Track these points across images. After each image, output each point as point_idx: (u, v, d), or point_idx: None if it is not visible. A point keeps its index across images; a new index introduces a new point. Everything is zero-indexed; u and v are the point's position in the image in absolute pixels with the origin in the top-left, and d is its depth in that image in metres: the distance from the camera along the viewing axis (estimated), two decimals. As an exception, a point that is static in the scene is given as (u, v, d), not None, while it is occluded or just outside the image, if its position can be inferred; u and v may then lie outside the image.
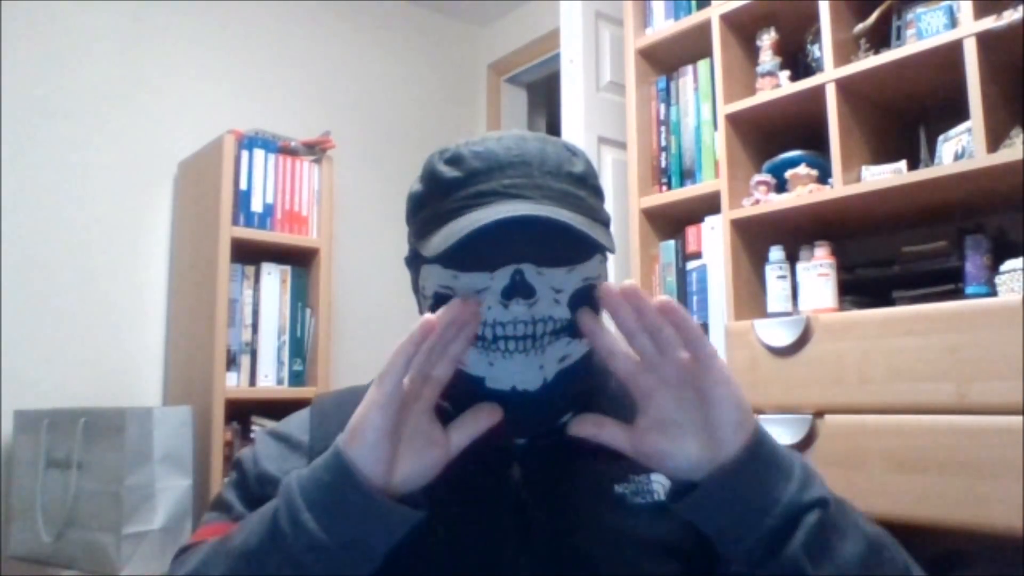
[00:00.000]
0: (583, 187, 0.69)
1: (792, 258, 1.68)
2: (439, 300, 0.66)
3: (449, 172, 0.67)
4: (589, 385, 0.72)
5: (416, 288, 0.73)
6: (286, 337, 2.32)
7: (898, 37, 1.62)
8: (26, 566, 1.90)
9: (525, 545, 0.67)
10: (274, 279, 2.32)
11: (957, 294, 1.47)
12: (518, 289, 0.64)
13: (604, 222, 0.70)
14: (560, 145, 0.70)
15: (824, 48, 1.64)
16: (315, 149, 2.45)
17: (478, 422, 0.64)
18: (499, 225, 0.61)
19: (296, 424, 0.77)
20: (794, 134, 1.81)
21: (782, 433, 1.44)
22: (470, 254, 0.64)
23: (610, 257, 0.74)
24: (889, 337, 1.35)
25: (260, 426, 2.24)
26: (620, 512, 0.70)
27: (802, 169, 1.68)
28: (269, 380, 2.27)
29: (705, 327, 1.86)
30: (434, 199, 0.68)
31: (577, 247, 0.66)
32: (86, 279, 2.29)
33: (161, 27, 2.50)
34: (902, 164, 1.55)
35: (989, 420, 1.22)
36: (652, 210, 2.00)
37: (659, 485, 0.71)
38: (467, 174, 0.66)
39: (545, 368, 0.66)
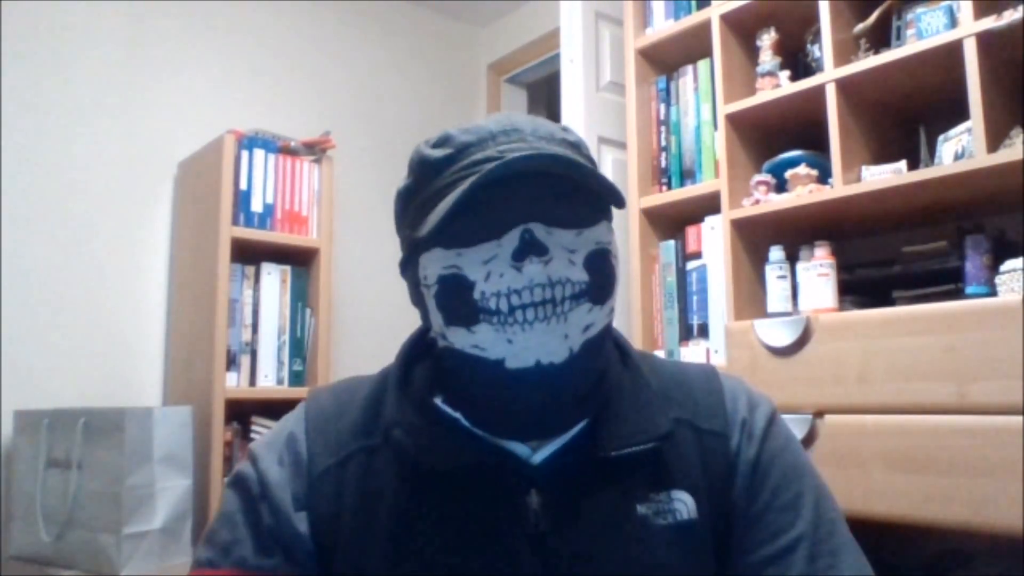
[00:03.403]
0: (579, 154, 0.66)
1: (792, 258, 1.68)
2: (446, 284, 0.62)
3: (438, 152, 0.64)
4: (604, 370, 0.67)
5: (416, 293, 0.68)
6: (286, 337, 2.32)
7: (898, 37, 1.62)
8: (26, 566, 1.90)
9: None
10: (274, 279, 2.32)
11: (957, 294, 1.47)
12: (530, 248, 0.59)
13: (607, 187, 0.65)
14: (548, 121, 0.67)
15: (824, 48, 1.64)
16: (315, 149, 2.45)
17: None
18: (500, 181, 0.58)
19: (292, 437, 0.69)
20: (794, 134, 1.81)
21: (782, 433, 1.44)
22: (471, 226, 0.60)
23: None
24: (889, 337, 1.35)
25: (261, 426, 2.24)
26: (643, 537, 0.63)
27: (802, 169, 1.68)
28: (269, 380, 2.27)
29: (705, 327, 1.86)
30: (425, 184, 0.64)
31: (584, 206, 0.63)
32: (86, 279, 2.29)
33: (161, 27, 2.50)
34: (902, 164, 1.55)
35: (989, 420, 1.22)
36: (652, 210, 2.00)
37: (681, 504, 0.65)
38: (457, 149, 0.63)
39: (570, 337, 0.60)
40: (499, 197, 0.60)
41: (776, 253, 1.70)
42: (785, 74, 1.77)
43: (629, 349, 0.73)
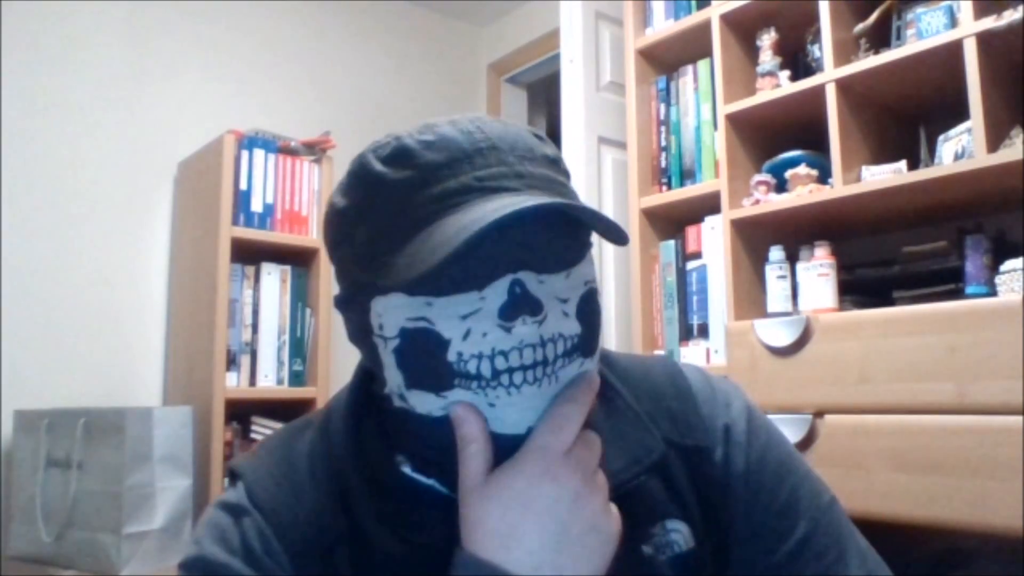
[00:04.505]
0: (560, 172, 0.57)
1: (792, 258, 1.68)
2: (412, 339, 0.52)
3: (396, 173, 0.53)
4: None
5: (360, 333, 0.56)
6: (286, 337, 2.32)
7: (898, 37, 1.62)
8: (26, 566, 1.90)
9: None
10: (274, 279, 2.32)
11: (957, 294, 1.47)
12: (522, 305, 0.50)
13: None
14: (519, 126, 0.57)
15: (824, 48, 1.64)
16: (315, 149, 2.45)
17: None
18: (494, 227, 0.47)
19: (251, 529, 0.57)
20: (794, 134, 1.81)
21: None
22: (448, 272, 0.50)
23: (610, 257, 0.65)
24: (889, 337, 1.35)
25: (260, 426, 2.24)
26: None
27: (802, 169, 1.68)
28: (269, 380, 2.27)
29: (705, 327, 1.86)
30: (376, 209, 0.53)
31: (573, 241, 0.54)
32: (86, 279, 2.29)
33: (161, 27, 2.50)
34: (902, 164, 1.55)
35: (989, 420, 1.22)
36: (652, 210, 2.00)
37: (677, 534, 0.60)
38: (421, 171, 0.52)
39: (558, 397, 0.52)
40: (481, 243, 0.49)
41: (776, 253, 1.70)
42: (785, 74, 1.77)
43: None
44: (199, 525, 0.59)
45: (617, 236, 0.54)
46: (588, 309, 0.54)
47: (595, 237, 0.58)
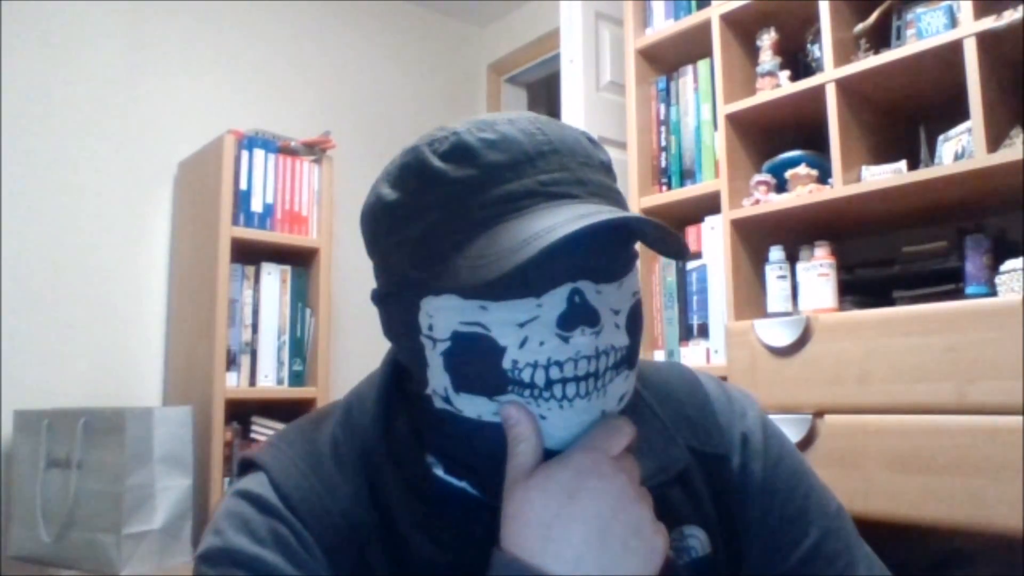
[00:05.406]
0: (612, 178, 0.57)
1: (792, 258, 1.68)
2: (465, 343, 0.51)
3: (456, 171, 0.51)
4: None
5: (403, 330, 0.55)
6: (286, 337, 2.32)
7: (898, 37, 1.62)
8: (26, 566, 1.90)
9: None
10: (274, 279, 2.32)
11: (957, 294, 1.47)
12: (580, 315, 0.50)
13: None
14: (575, 128, 0.57)
15: (824, 48, 1.64)
16: (315, 149, 2.46)
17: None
18: (568, 239, 0.46)
19: (278, 520, 0.54)
20: (794, 134, 1.81)
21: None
22: (508, 276, 0.48)
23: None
24: (889, 337, 1.35)
25: (260, 426, 2.24)
26: None
27: (802, 169, 1.68)
28: (269, 380, 2.27)
29: (705, 327, 1.86)
30: (436, 209, 0.51)
31: (626, 251, 0.54)
32: (86, 279, 2.29)
33: (161, 27, 2.50)
34: (902, 164, 1.55)
35: (989, 420, 1.22)
36: (652, 210, 2.00)
37: (695, 540, 0.60)
38: (483, 171, 0.51)
39: (607, 413, 0.52)
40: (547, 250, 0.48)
41: (776, 253, 1.70)
42: (785, 74, 1.77)
43: None
44: (216, 515, 0.56)
45: (679, 252, 0.54)
46: (636, 321, 0.54)
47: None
